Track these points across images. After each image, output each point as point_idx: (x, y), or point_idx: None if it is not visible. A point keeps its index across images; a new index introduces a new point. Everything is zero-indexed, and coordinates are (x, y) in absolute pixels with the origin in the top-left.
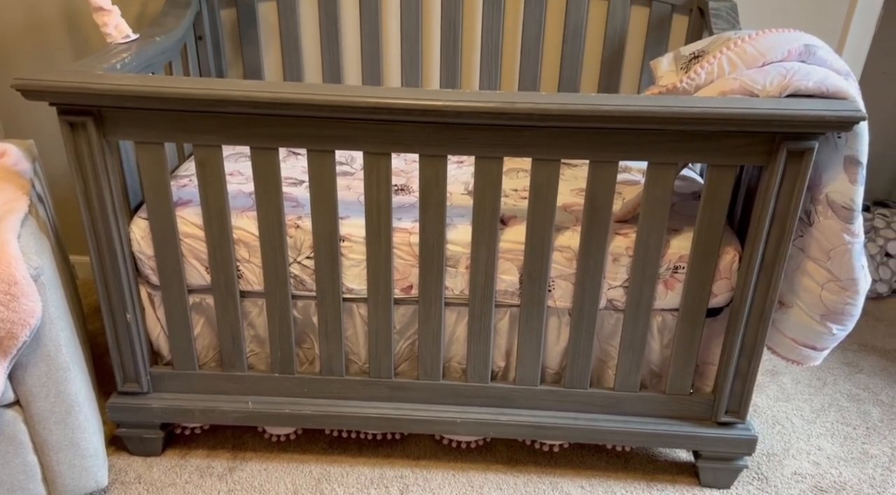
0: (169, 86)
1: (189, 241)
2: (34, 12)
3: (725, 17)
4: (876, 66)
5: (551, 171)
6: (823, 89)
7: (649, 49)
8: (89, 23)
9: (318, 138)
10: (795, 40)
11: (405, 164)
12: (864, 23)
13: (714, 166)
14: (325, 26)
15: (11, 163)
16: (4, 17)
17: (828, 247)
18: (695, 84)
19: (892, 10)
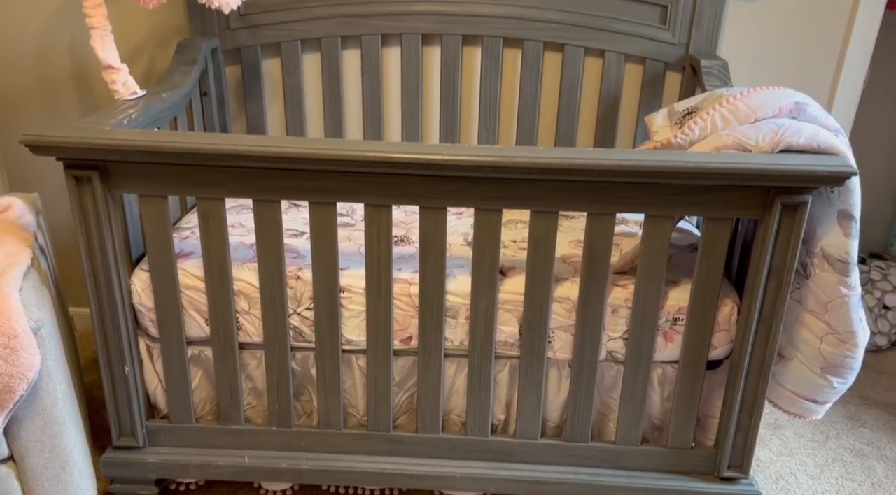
0: (174, 140)
1: (189, 293)
2: (45, 69)
3: (717, 74)
4: (866, 122)
5: (550, 223)
6: (815, 145)
7: (644, 105)
8: (98, 79)
9: (320, 191)
10: (786, 98)
11: (405, 216)
12: (853, 81)
13: (710, 219)
14: (327, 82)
15: (16, 216)
16: (16, 74)
17: (825, 300)
18: (689, 139)
19: (879, 68)
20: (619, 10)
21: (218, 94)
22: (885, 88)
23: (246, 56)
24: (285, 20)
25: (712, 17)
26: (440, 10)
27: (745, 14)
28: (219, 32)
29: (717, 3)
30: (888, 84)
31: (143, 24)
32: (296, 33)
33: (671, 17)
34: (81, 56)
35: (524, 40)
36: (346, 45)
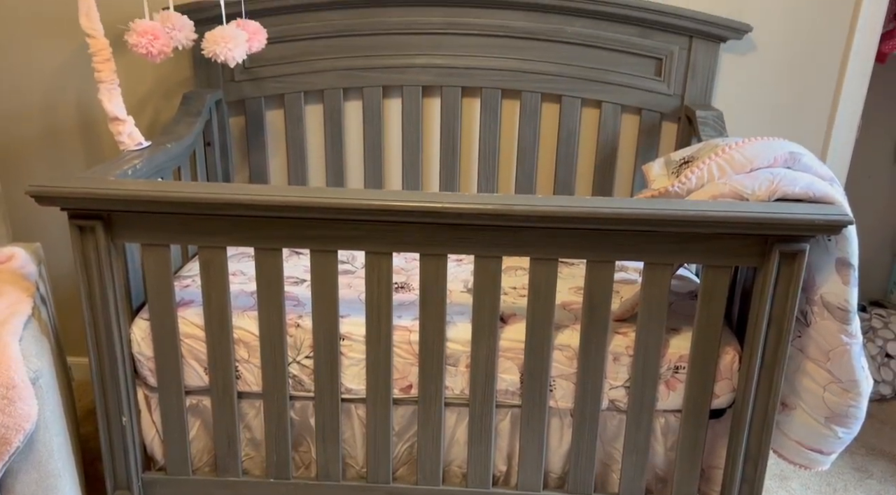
0: (177, 190)
1: (189, 342)
2: (52, 121)
3: (713, 124)
4: (861, 170)
5: (549, 270)
6: (810, 194)
7: (641, 153)
8: (104, 130)
9: (322, 239)
10: (780, 148)
11: (405, 262)
12: (845, 131)
13: (709, 267)
14: (329, 133)
15: (18, 265)
16: (23, 126)
17: (826, 348)
18: (686, 188)
19: (871, 118)
20: (615, 63)
21: (221, 144)
22: (878, 138)
23: (249, 107)
24: (288, 73)
25: (706, 70)
26: (440, 64)
27: (738, 66)
28: (223, 84)
29: (710, 56)
30: (880, 133)
31: (150, 76)
32: (299, 85)
33: (666, 70)
34: (88, 108)
35: (522, 92)
36: (348, 97)
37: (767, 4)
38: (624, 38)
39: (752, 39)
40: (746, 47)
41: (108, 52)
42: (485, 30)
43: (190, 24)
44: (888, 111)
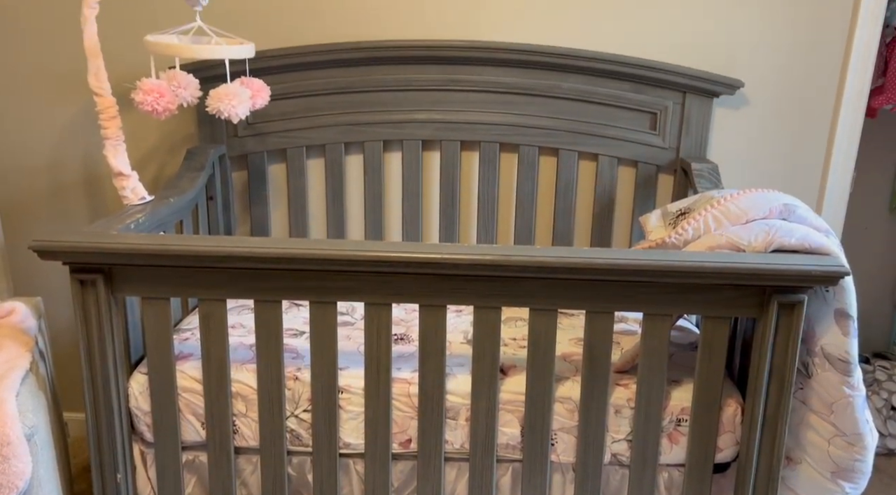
0: (178, 243)
1: (187, 396)
2: (57, 176)
3: (708, 176)
4: (858, 221)
5: (549, 321)
6: (806, 245)
7: (638, 205)
8: (108, 185)
9: (321, 291)
10: (775, 200)
11: (405, 313)
12: (839, 184)
13: (708, 318)
14: (330, 186)
15: (18, 320)
16: (29, 181)
17: (829, 401)
18: (683, 239)
19: (866, 170)
20: (610, 117)
21: (224, 197)
22: (873, 189)
23: (252, 161)
24: (291, 128)
25: (700, 124)
26: (439, 119)
27: (732, 120)
28: (226, 140)
29: (704, 111)
30: (876, 184)
31: (155, 132)
32: (301, 140)
33: (661, 124)
34: (94, 163)
35: (520, 145)
36: (350, 151)
37: (758, 61)
38: (618, 93)
39: (745, 94)
40: (739, 102)
41: (115, 109)
42: (482, 86)
43: (195, 83)
44: (882, 163)
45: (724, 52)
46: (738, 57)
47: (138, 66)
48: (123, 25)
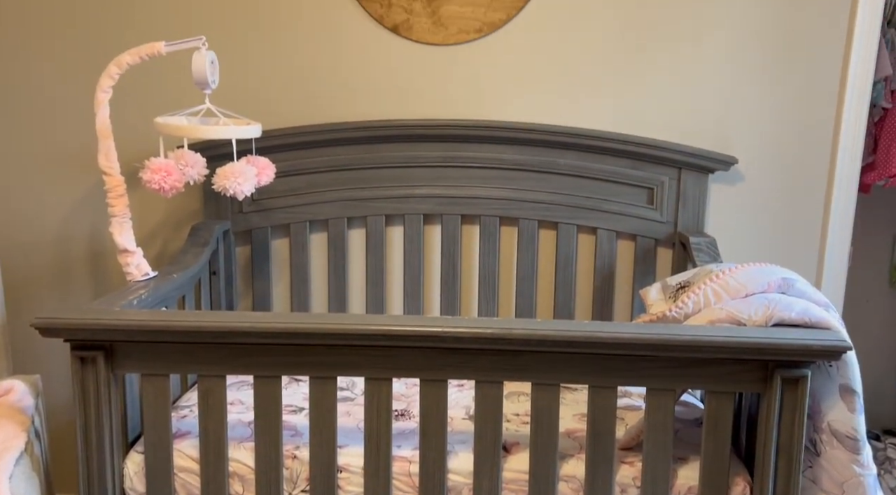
0: (178, 319)
1: (183, 476)
2: (62, 253)
3: (706, 250)
4: (859, 295)
5: (552, 396)
6: (807, 320)
7: (638, 278)
8: (112, 261)
9: (322, 366)
10: (773, 274)
11: (406, 388)
12: (837, 258)
13: (712, 393)
14: (333, 260)
15: (16, 399)
16: (33, 258)
17: (840, 480)
18: (683, 312)
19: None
20: (608, 192)
21: (226, 272)
22: (872, 262)
23: (256, 237)
24: (295, 204)
25: (697, 198)
26: (440, 193)
27: (728, 195)
28: (231, 216)
29: (699, 186)
30: (874, 258)
31: (161, 209)
32: (305, 215)
33: (658, 199)
34: (99, 239)
35: (519, 219)
36: (352, 225)
37: (751, 138)
38: (615, 169)
39: (740, 170)
40: (734, 177)
41: (123, 188)
42: (481, 162)
43: (202, 161)
44: (879, 237)
45: (717, 129)
46: (731, 134)
47: (148, 145)
48: (135, 107)
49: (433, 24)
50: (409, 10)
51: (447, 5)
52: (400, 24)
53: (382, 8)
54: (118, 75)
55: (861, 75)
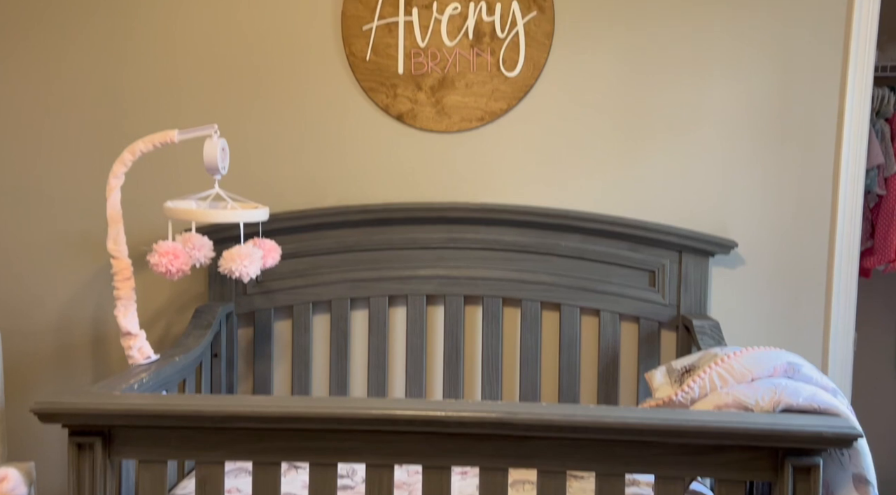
0: (178, 404)
1: None
2: (64, 338)
3: (710, 333)
4: (866, 381)
5: (558, 484)
6: (815, 406)
7: (643, 360)
8: (113, 344)
9: (322, 451)
10: (778, 358)
11: (407, 476)
12: (842, 343)
13: (722, 481)
14: (335, 341)
15: (10, 488)
16: (33, 343)
17: None
18: (689, 397)
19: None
20: (609, 274)
21: (228, 355)
22: (878, 348)
23: (259, 318)
24: (299, 285)
25: (698, 281)
26: (443, 274)
27: (729, 278)
28: (235, 298)
29: (700, 269)
30: (880, 343)
31: (166, 291)
32: (308, 296)
33: (659, 281)
34: (102, 323)
35: (522, 300)
36: (355, 306)
37: (750, 222)
38: (616, 251)
39: (740, 254)
40: (735, 261)
41: (130, 271)
42: (483, 244)
43: (209, 244)
44: (883, 322)
45: (716, 213)
46: (730, 218)
47: (156, 228)
48: (144, 190)
49: (437, 113)
50: (414, 100)
51: (450, 95)
52: (405, 112)
53: (388, 98)
54: (131, 162)
55: (853, 163)
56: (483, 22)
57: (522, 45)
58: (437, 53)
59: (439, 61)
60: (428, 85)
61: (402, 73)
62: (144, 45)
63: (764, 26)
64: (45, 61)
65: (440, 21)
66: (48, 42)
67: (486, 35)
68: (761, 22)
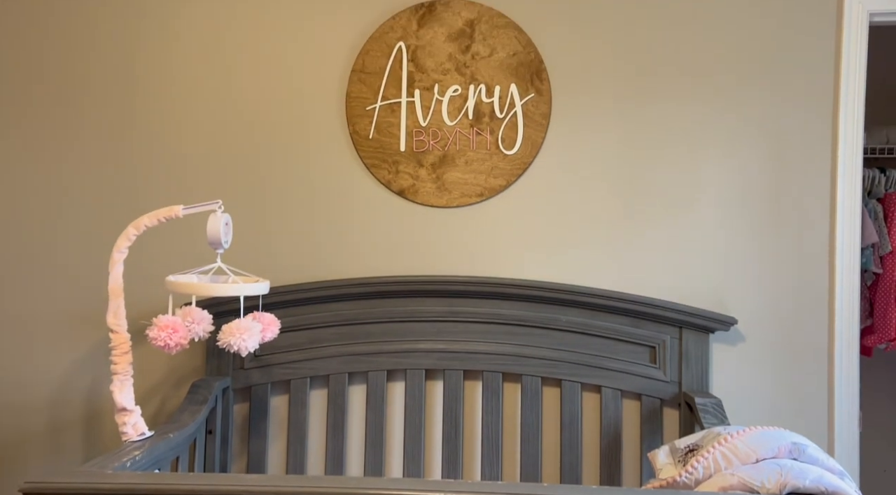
0: (173, 483)
1: None
2: (58, 413)
3: (713, 412)
4: (873, 462)
5: None
6: (822, 489)
7: (646, 438)
8: (107, 420)
9: None
10: (783, 438)
11: None
12: (847, 423)
13: None
14: (332, 417)
15: None
16: (27, 419)
17: None
18: (694, 478)
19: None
20: (610, 350)
21: (223, 431)
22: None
23: (255, 394)
24: (296, 359)
25: (699, 358)
26: (442, 348)
27: (730, 355)
28: (232, 372)
29: (701, 345)
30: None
31: (163, 365)
32: (306, 371)
33: (660, 357)
34: (96, 399)
35: (522, 375)
36: (353, 381)
37: (748, 299)
38: (616, 327)
39: (740, 331)
40: (735, 338)
41: (128, 346)
42: (483, 317)
43: (208, 318)
44: (888, 402)
45: (715, 289)
46: (729, 294)
47: (156, 302)
48: (146, 265)
49: (437, 189)
50: (416, 176)
51: (451, 172)
52: (406, 188)
53: (390, 174)
54: (135, 237)
55: (848, 243)
56: (482, 103)
57: (521, 125)
58: (438, 132)
59: (440, 139)
60: (429, 162)
61: (404, 151)
62: (152, 122)
63: (756, 110)
64: (54, 139)
65: (441, 102)
66: (56, 120)
67: (486, 115)
68: (754, 106)
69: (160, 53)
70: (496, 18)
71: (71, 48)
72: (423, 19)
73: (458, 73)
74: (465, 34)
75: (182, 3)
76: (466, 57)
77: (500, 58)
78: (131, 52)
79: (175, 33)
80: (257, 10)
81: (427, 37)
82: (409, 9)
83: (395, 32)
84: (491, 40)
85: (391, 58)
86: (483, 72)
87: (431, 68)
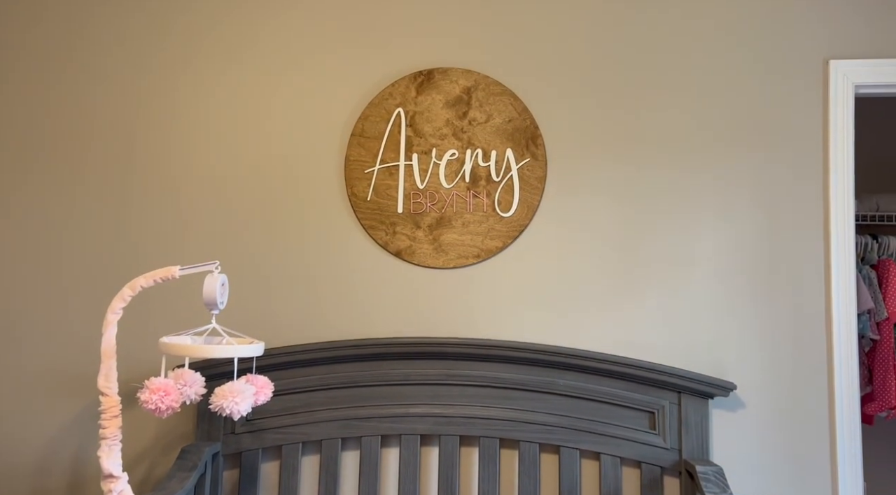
0: None
1: None
2: (41, 482)
3: (714, 480)
4: None
5: None
6: None
7: None
8: (93, 489)
9: None
10: None
11: None
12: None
13: None
14: (324, 484)
15: None
16: (8, 485)
17: None
18: None
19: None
20: (609, 415)
21: None
22: None
23: (246, 460)
24: (289, 424)
25: (699, 424)
26: (438, 412)
27: (730, 422)
28: (223, 437)
29: (700, 411)
30: None
31: (152, 430)
32: (298, 436)
33: (659, 423)
34: (82, 464)
35: (520, 441)
36: (346, 446)
37: (747, 364)
38: (615, 391)
39: (739, 397)
40: (735, 404)
41: (118, 409)
42: (480, 381)
43: (201, 380)
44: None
45: (714, 354)
46: (728, 360)
47: (146, 365)
48: (142, 324)
49: (434, 250)
50: (413, 237)
51: (447, 234)
52: (403, 249)
53: (387, 235)
54: (130, 298)
55: (844, 310)
56: (479, 166)
57: (517, 188)
58: (435, 194)
59: (437, 201)
60: (426, 223)
61: (402, 212)
62: (151, 183)
63: (748, 178)
64: (54, 197)
65: (439, 165)
66: (56, 180)
67: (482, 179)
68: (745, 174)
69: (161, 118)
70: (492, 86)
71: (73, 112)
72: (421, 86)
73: (456, 137)
74: (463, 101)
75: (184, 69)
76: (464, 122)
77: (496, 123)
78: (132, 117)
79: (176, 99)
80: (259, 75)
81: (425, 103)
82: (408, 76)
83: (395, 98)
84: (487, 107)
85: (390, 123)
86: (480, 137)
87: (429, 133)
